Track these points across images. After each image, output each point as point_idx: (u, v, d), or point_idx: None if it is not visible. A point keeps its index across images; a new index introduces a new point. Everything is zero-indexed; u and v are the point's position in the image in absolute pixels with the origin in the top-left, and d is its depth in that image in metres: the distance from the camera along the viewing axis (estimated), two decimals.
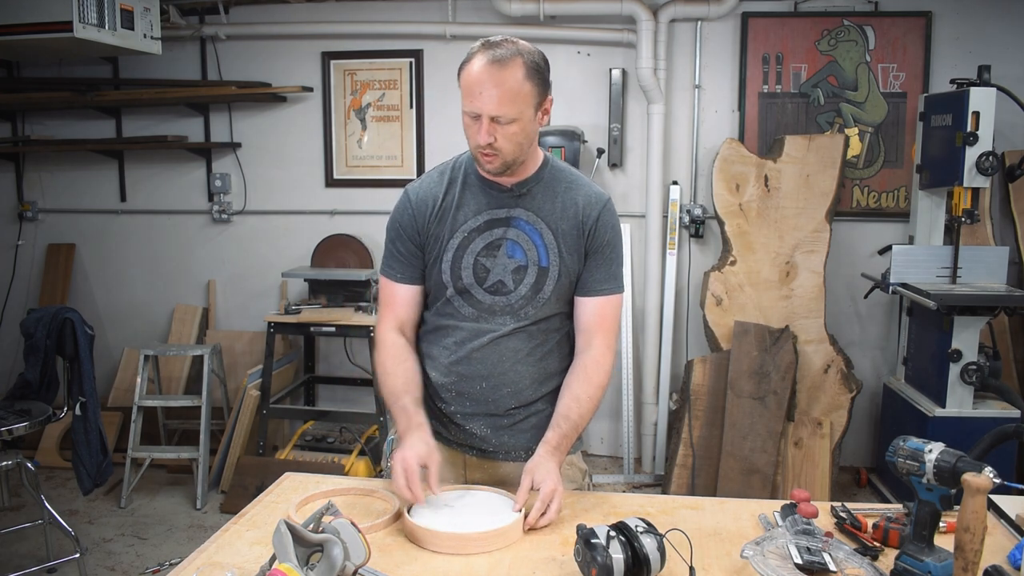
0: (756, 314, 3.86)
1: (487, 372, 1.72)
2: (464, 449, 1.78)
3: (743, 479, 3.63)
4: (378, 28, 4.32)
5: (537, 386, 1.74)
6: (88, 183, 4.75)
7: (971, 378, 3.38)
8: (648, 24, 4.00)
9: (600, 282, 1.72)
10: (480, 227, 1.69)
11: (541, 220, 1.69)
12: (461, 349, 1.72)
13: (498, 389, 1.72)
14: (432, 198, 1.73)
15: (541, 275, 1.69)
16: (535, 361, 1.73)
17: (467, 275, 1.69)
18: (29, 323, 3.14)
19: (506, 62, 1.54)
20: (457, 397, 1.75)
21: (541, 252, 1.69)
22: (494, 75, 1.54)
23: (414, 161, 4.42)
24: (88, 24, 3.43)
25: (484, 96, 1.54)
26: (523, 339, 1.71)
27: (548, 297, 1.70)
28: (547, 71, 1.62)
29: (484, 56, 1.55)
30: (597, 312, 1.72)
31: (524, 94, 1.56)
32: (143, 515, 3.74)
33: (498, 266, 1.69)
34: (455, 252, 1.70)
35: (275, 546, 1.23)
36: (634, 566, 1.27)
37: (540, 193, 1.71)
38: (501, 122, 1.56)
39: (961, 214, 3.46)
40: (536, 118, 1.62)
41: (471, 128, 1.60)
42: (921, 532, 1.30)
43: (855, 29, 4.04)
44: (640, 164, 4.26)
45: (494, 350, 1.71)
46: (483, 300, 1.70)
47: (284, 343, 4.45)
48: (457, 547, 1.44)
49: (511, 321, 1.70)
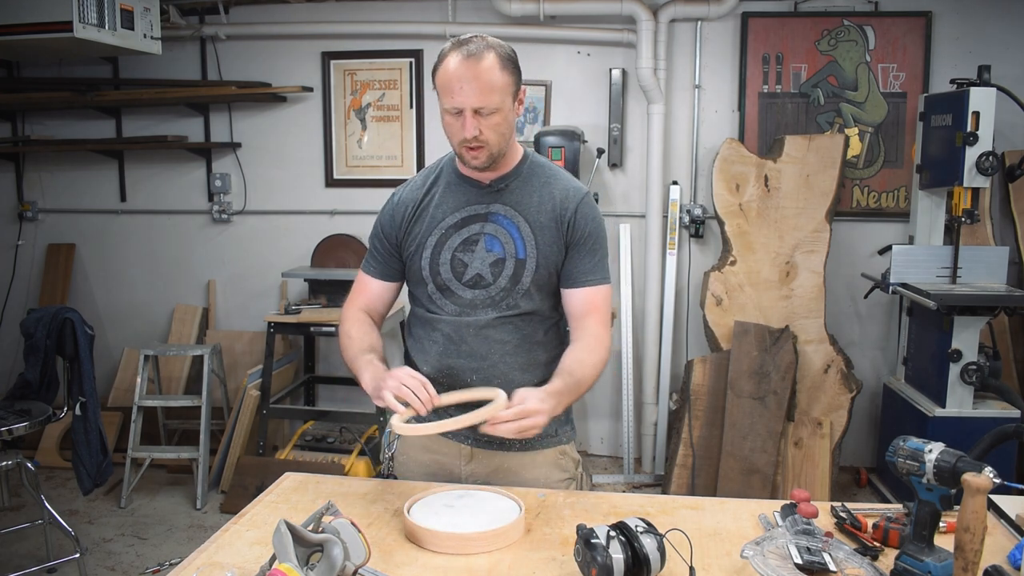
0: (756, 314, 3.86)
1: (476, 365, 1.74)
2: (461, 439, 1.79)
3: (743, 479, 3.63)
4: (378, 28, 4.32)
5: (527, 376, 1.74)
6: (88, 183, 4.75)
7: (971, 378, 3.38)
8: (648, 24, 4.00)
9: (585, 273, 1.73)
10: (458, 223, 1.73)
11: (519, 214, 1.72)
12: (449, 343, 1.75)
13: (488, 381, 1.72)
14: (412, 200, 1.78)
15: (519, 267, 1.71)
16: (524, 352, 1.75)
17: (445, 270, 1.73)
18: (29, 323, 3.14)
19: (480, 55, 1.58)
20: (449, 390, 1.73)
21: (518, 244, 1.71)
22: (471, 68, 1.58)
23: (414, 161, 4.42)
24: (88, 24, 3.43)
25: (465, 90, 1.58)
26: (509, 330, 1.73)
27: (527, 288, 1.72)
28: (518, 62, 1.66)
29: (458, 53, 1.60)
30: (586, 300, 1.74)
31: (502, 84, 1.60)
32: (143, 515, 3.74)
33: (476, 260, 1.72)
34: (433, 249, 1.74)
35: (275, 546, 1.23)
36: (634, 566, 1.27)
37: (518, 188, 1.74)
38: (484, 113, 1.60)
39: (961, 214, 3.46)
40: (514, 108, 1.66)
41: (453, 126, 1.63)
42: (921, 532, 1.30)
43: (855, 29, 4.04)
44: (640, 164, 4.26)
45: (482, 343, 1.73)
46: (463, 295, 1.73)
47: (284, 343, 4.45)
48: (457, 547, 1.44)
49: (493, 313, 1.73)
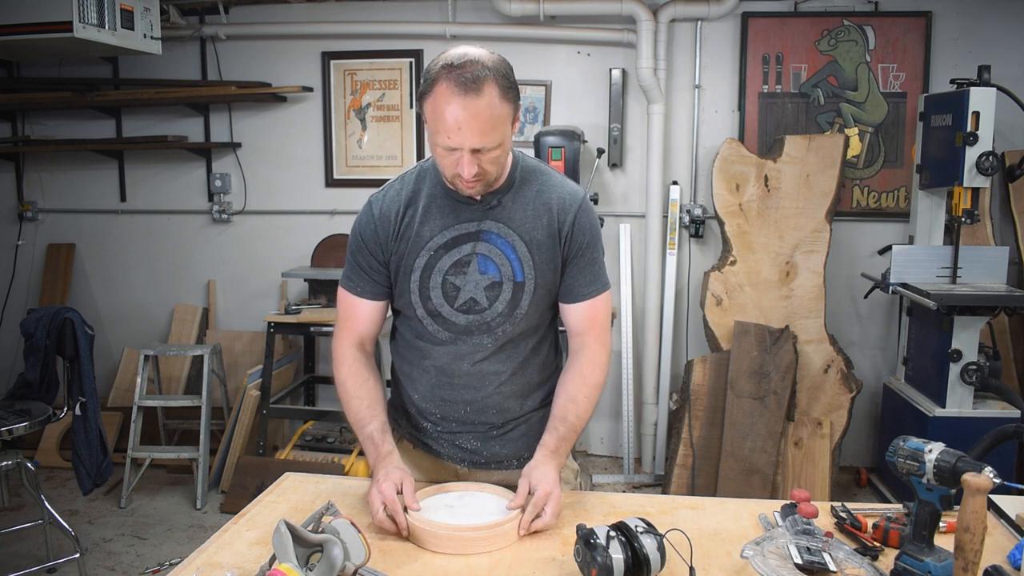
0: (756, 314, 3.86)
1: (470, 397, 1.68)
2: (455, 461, 1.75)
3: (743, 479, 3.63)
4: (378, 28, 4.32)
5: (522, 402, 1.72)
6: (88, 183, 4.75)
7: (971, 378, 3.38)
8: (648, 24, 4.00)
9: (585, 286, 1.66)
10: (447, 244, 1.60)
11: (513, 232, 1.60)
12: (442, 375, 1.67)
13: (483, 412, 1.70)
14: (394, 212, 1.62)
15: (517, 290, 1.61)
16: (518, 379, 1.69)
17: (436, 295, 1.61)
18: (29, 323, 3.14)
19: (479, 87, 1.40)
20: (442, 420, 1.72)
21: (515, 266, 1.60)
22: (469, 107, 1.40)
23: (414, 161, 4.40)
24: (88, 24, 3.43)
25: (463, 131, 1.42)
26: (502, 361, 1.67)
27: (526, 312, 1.63)
28: (515, 79, 1.49)
29: (452, 84, 1.40)
30: (586, 315, 1.68)
31: (503, 117, 1.45)
32: (143, 515, 3.74)
33: (469, 283, 1.60)
34: (422, 272, 1.61)
35: (275, 546, 1.23)
36: (634, 566, 1.27)
37: (511, 202, 1.61)
38: (484, 151, 1.46)
39: (961, 214, 3.46)
40: (513, 130, 1.52)
41: (446, 159, 1.48)
42: (921, 532, 1.30)
43: (855, 29, 4.04)
44: (640, 164, 4.26)
45: (475, 376, 1.67)
46: (456, 321, 1.63)
47: (284, 343, 4.45)
48: (457, 547, 1.44)
49: (488, 340, 1.64)
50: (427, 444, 1.76)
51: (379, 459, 1.59)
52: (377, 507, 1.50)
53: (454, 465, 1.76)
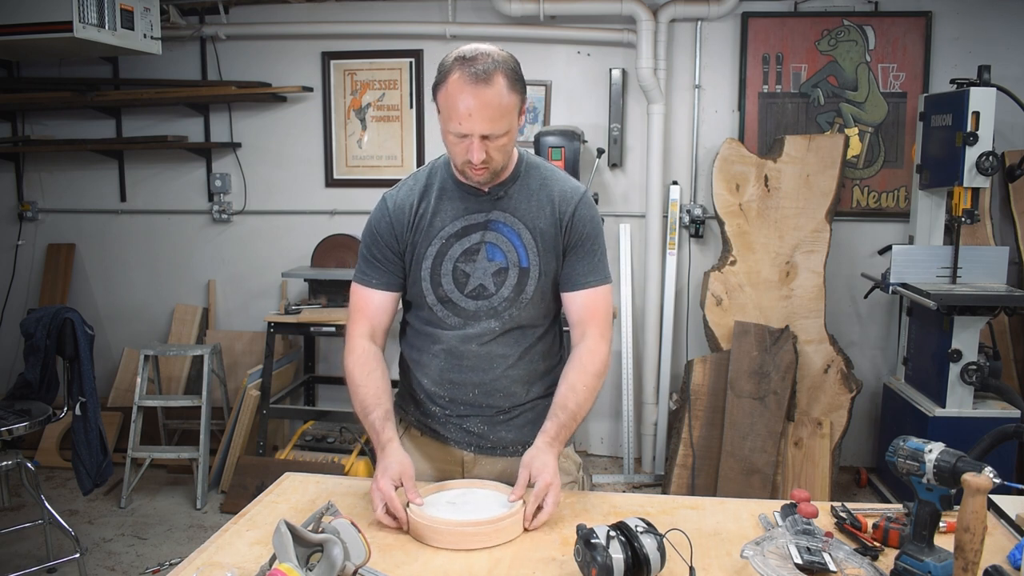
0: (756, 314, 3.86)
1: (478, 380, 1.74)
2: (462, 446, 1.79)
3: (743, 479, 3.63)
4: (378, 28, 4.32)
5: (528, 387, 1.77)
6: (88, 183, 4.74)
7: (971, 378, 3.38)
8: (648, 24, 4.00)
9: (584, 275, 1.72)
10: (458, 232, 1.69)
11: (519, 220, 1.69)
12: (450, 358, 1.74)
13: (490, 395, 1.75)
14: (408, 206, 1.72)
15: (522, 276, 1.69)
16: (524, 364, 1.75)
17: (447, 281, 1.70)
18: (29, 323, 3.14)
19: (489, 78, 1.51)
20: (451, 403, 1.77)
21: (521, 253, 1.69)
22: (480, 95, 1.51)
23: (414, 161, 4.42)
24: (88, 24, 3.43)
25: (474, 118, 1.52)
26: (510, 344, 1.73)
27: (531, 297, 1.70)
28: (522, 73, 1.60)
29: (464, 74, 1.51)
30: (586, 305, 1.73)
31: (511, 106, 1.56)
32: (143, 515, 3.74)
33: (478, 270, 1.69)
34: (434, 260, 1.70)
35: (275, 546, 1.23)
36: (634, 566, 1.27)
37: (516, 193, 1.70)
38: (492, 138, 1.56)
39: (961, 214, 3.46)
40: (518, 122, 1.61)
41: (457, 146, 1.58)
42: (921, 532, 1.30)
43: (855, 29, 4.04)
44: (640, 164, 4.26)
45: (483, 358, 1.73)
46: (466, 307, 1.71)
47: (284, 343, 4.45)
48: (459, 542, 1.45)
49: (495, 324, 1.71)
50: (435, 430, 1.80)
51: (380, 446, 1.65)
52: (377, 504, 1.54)
53: (460, 451, 1.80)
